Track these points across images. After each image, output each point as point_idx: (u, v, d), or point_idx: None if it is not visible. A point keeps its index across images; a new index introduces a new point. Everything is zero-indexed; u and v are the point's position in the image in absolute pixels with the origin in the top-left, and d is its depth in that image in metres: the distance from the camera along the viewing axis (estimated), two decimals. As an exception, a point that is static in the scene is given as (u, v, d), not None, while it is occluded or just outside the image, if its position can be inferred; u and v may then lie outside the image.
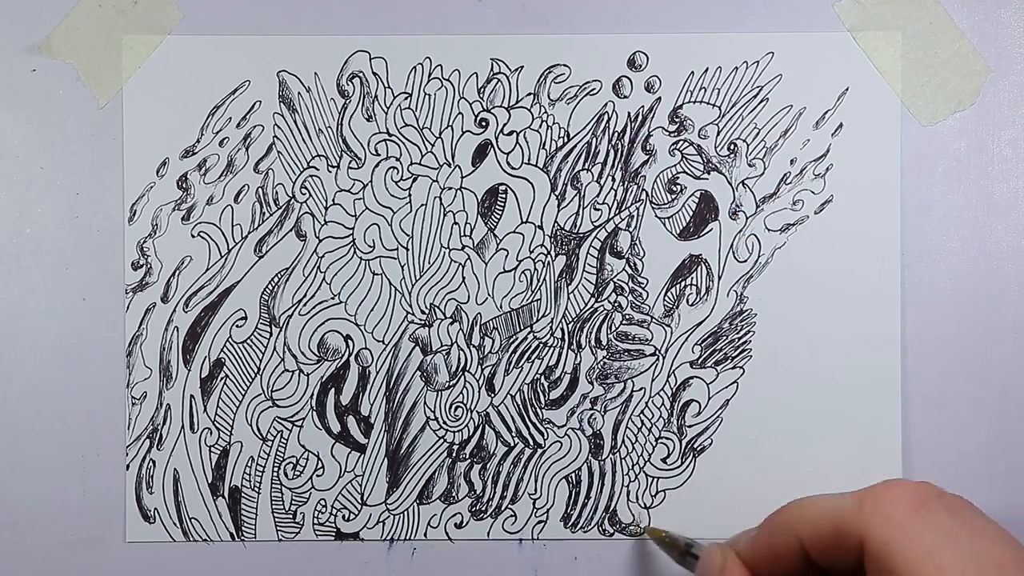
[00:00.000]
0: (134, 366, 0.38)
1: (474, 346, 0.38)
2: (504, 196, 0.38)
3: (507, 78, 0.38)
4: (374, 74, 0.38)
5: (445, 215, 0.38)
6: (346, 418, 0.38)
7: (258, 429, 0.38)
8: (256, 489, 0.38)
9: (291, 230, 0.38)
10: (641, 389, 0.38)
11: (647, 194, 0.38)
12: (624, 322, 0.38)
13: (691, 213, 0.38)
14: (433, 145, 0.38)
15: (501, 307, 0.38)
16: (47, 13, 0.38)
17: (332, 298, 0.38)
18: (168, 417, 0.38)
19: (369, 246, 0.38)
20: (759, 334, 0.38)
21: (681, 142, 0.38)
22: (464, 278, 0.38)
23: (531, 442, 0.38)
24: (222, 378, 0.38)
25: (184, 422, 0.38)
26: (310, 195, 0.38)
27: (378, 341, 0.38)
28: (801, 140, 0.38)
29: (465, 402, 0.38)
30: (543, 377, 0.38)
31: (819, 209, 0.38)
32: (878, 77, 0.38)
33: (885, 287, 0.38)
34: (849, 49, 0.38)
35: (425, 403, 0.38)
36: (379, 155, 0.38)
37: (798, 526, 0.29)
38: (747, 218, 0.38)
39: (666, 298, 0.38)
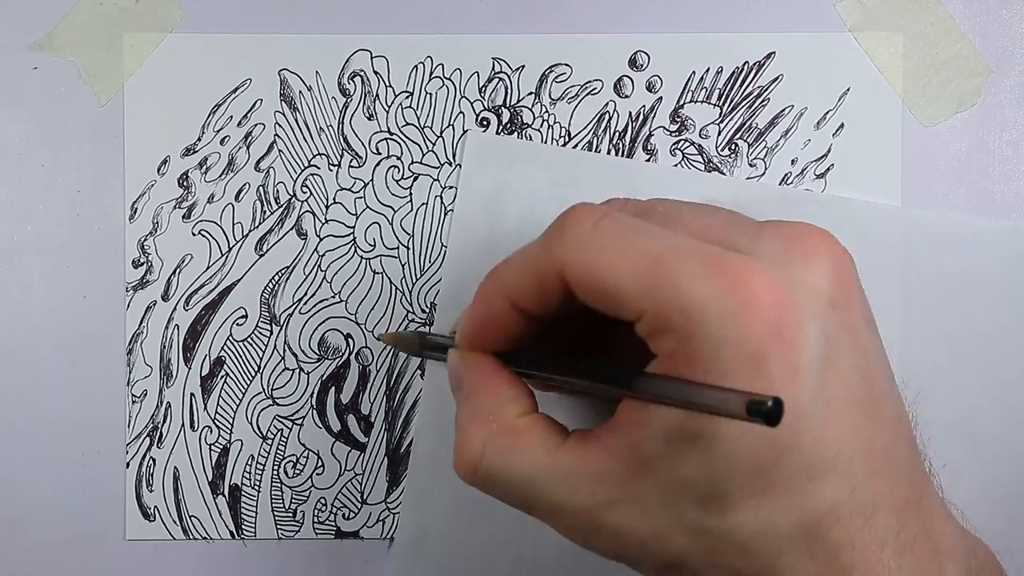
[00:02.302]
0: (134, 364, 0.38)
1: (474, 345, 0.38)
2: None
3: (508, 77, 0.38)
4: (375, 73, 0.38)
5: (446, 214, 0.38)
6: (346, 417, 0.38)
7: (258, 427, 0.38)
8: (256, 487, 0.38)
9: (292, 229, 0.38)
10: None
11: (648, 194, 0.38)
12: (625, 322, 0.38)
13: (692, 213, 0.38)
14: (434, 144, 0.38)
15: (502, 306, 0.38)
16: (48, 11, 0.38)
17: (332, 296, 0.38)
18: (168, 415, 0.38)
19: (370, 245, 0.38)
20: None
21: (682, 142, 0.38)
22: (465, 277, 0.38)
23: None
24: (222, 376, 0.38)
25: (184, 420, 0.38)
26: (311, 194, 0.38)
27: (379, 339, 0.38)
28: (802, 140, 0.38)
29: (465, 401, 0.38)
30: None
31: (820, 209, 0.38)
32: (879, 77, 0.38)
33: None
34: (850, 49, 0.38)
35: (425, 402, 0.38)
36: (380, 154, 0.38)
37: (504, 289, 0.27)
38: (748, 218, 0.38)
39: (667, 298, 0.38)
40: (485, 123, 0.38)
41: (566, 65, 0.38)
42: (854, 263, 0.27)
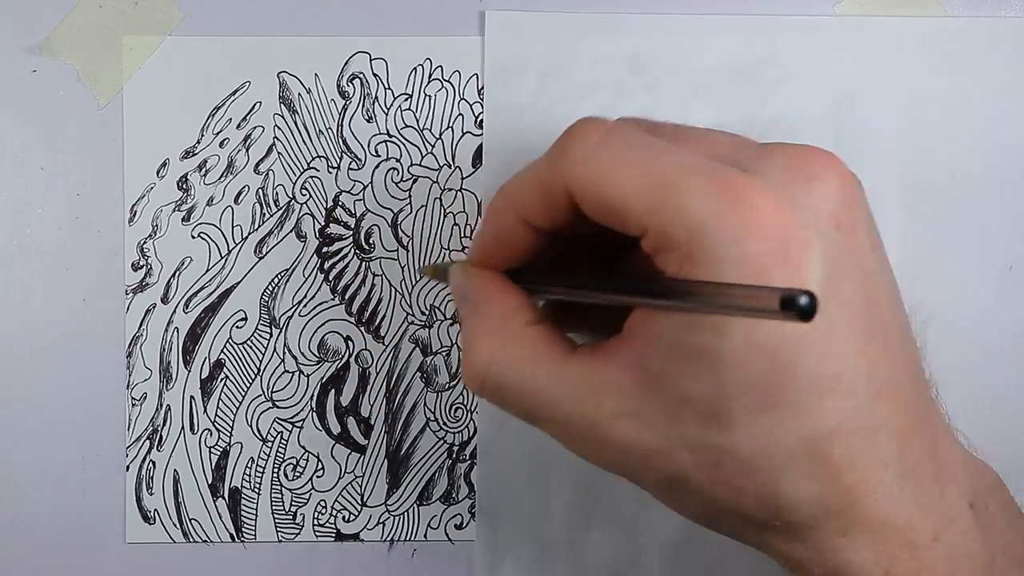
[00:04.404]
0: (134, 367, 0.38)
1: (474, 347, 0.38)
2: (504, 197, 0.38)
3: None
4: (374, 75, 0.38)
5: (445, 216, 0.38)
6: (346, 419, 0.38)
7: (258, 430, 0.38)
8: (256, 490, 0.38)
9: (291, 231, 0.38)
10: (641, 390, 0.38)
11: (647, 195, 0.38)
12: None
13: (691, 214, 0.38)
14: (433, 146, 0.38)
15: (501, 308, 0.38)
16: (48, 13, 0.38)
17: (332, 299, 0.38)
18: (168, 418, 0.38)
19: (369, 247, 0.38)
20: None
21: (681, 143, 0.38)
22: (464, 279, 0.38)
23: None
24: (222, 379, 0.38)
25: (184, 423, 0.38)
26: (310, 196, 0.38)
27: (378, 342, 0.38)
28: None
29: (465, 403, 0.38)
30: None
31: (819, 211, 0.38)
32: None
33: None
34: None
35: (425, 404, 0.38)
36: (379, 156, 0.38)
37: (512, 204, 0.28)
38: (747, 219, 0.38)
39: (666, 299, 0.38)
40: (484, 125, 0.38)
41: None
42: (862, 187, 0.26)
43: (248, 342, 0.38)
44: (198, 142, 0.38)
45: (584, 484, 0.38)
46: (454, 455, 0.38)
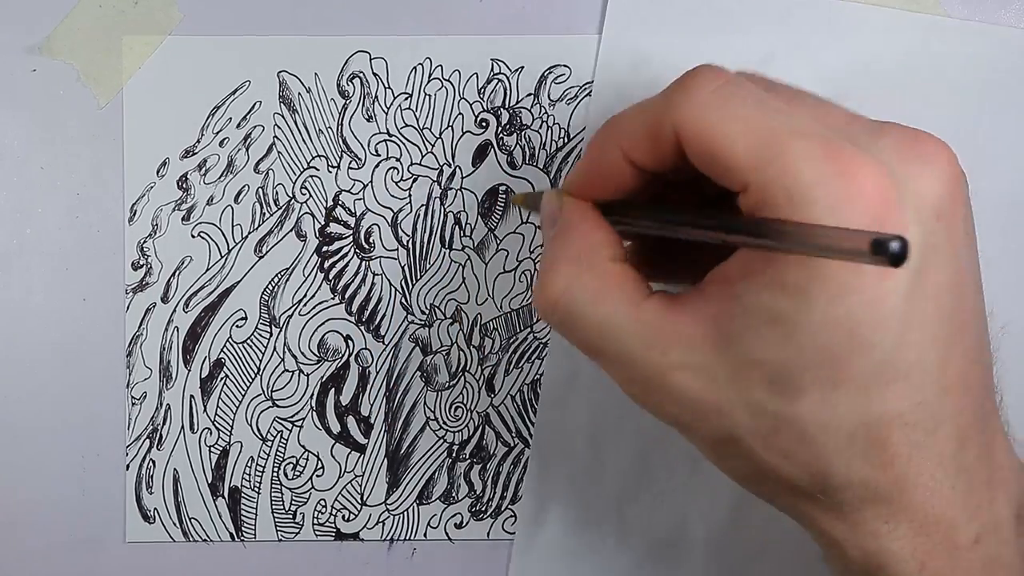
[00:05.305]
0: (134, 366, 0.38)
1: (474, 346, 0.38)
2: (504, 196, 0.38)
3: (507, 79, 0.38)
4: (374, 74, 0.38)
5: (445, 215, 0.38)
6: (346, 418, 0.38)
7: (258, 429, 0.38)
8: (256, 489, 0.38)
9: (291, 230, 0.38)
10: (641, 389, 0.38)
11: (647, 194, 0.38)
12: (624, 322, 0.38)
13: (691, 213, 0.38)
14: (433, 145, 0.38)
15: (501, 307, 0.38)
16: (47, 13, 0.38)
17: (332, 298, 0.38)
18: (168, 417, 0.38)
19: (369, 246, 0.38)
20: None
21: (681, 143, 0.38)
22: (464, 278, 0.38)
23: (531, 442, 0.38)
24: (222, 378, 0.38)
25: (184, 422, 0.38)
26: (310, 195, 0.38)
27: (378, 341, 0.38)
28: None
29: (465, 402, 0.38)
30: (543, 377, 0.38)
31: (819, 209, 0.38)
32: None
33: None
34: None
35: (425, 403, 0.38)
36: (379, 155, 0.38)
37: (618, 138, 0.27)
38: (747, 218, 0.38)
39: (666, 298, 0.38)
40: (484, 124, 0.38)
41: (565, 66, 0.38)
42: (967, 182, 0.26)
43: (248, 341, 0.38)
44: (198, 141, 0.38)
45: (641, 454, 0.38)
46: (454, 454, 0.38)
